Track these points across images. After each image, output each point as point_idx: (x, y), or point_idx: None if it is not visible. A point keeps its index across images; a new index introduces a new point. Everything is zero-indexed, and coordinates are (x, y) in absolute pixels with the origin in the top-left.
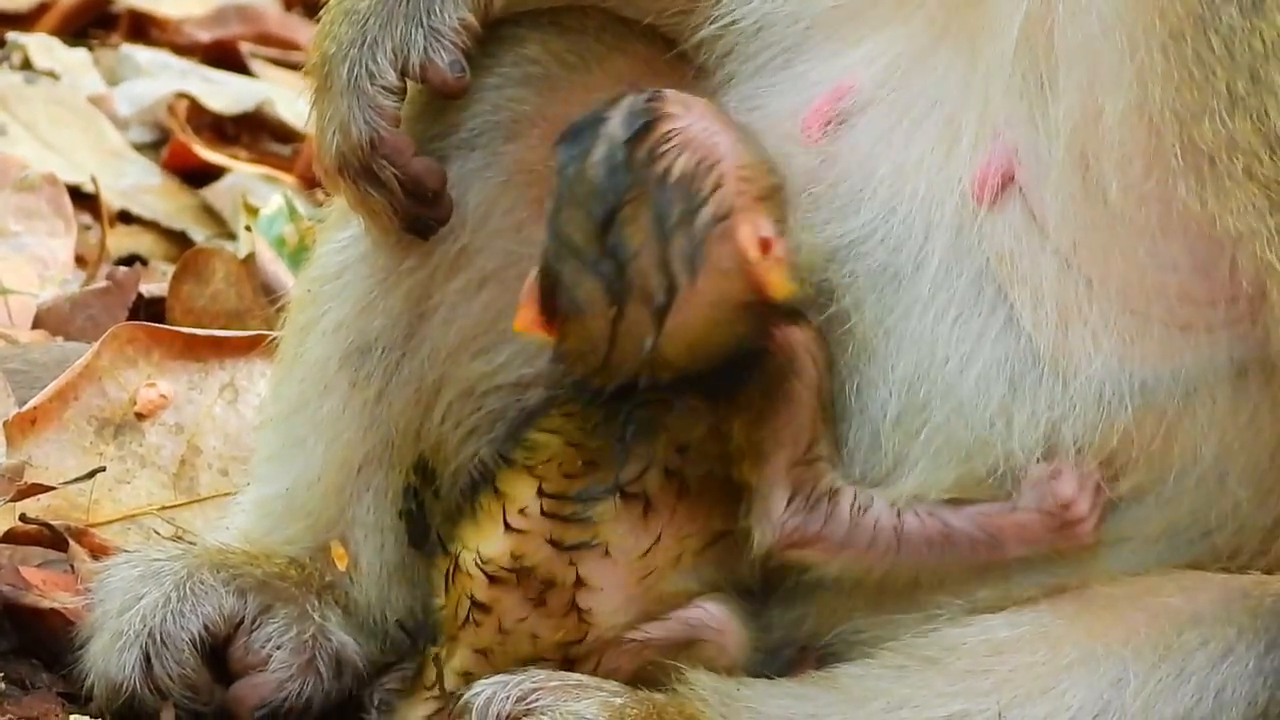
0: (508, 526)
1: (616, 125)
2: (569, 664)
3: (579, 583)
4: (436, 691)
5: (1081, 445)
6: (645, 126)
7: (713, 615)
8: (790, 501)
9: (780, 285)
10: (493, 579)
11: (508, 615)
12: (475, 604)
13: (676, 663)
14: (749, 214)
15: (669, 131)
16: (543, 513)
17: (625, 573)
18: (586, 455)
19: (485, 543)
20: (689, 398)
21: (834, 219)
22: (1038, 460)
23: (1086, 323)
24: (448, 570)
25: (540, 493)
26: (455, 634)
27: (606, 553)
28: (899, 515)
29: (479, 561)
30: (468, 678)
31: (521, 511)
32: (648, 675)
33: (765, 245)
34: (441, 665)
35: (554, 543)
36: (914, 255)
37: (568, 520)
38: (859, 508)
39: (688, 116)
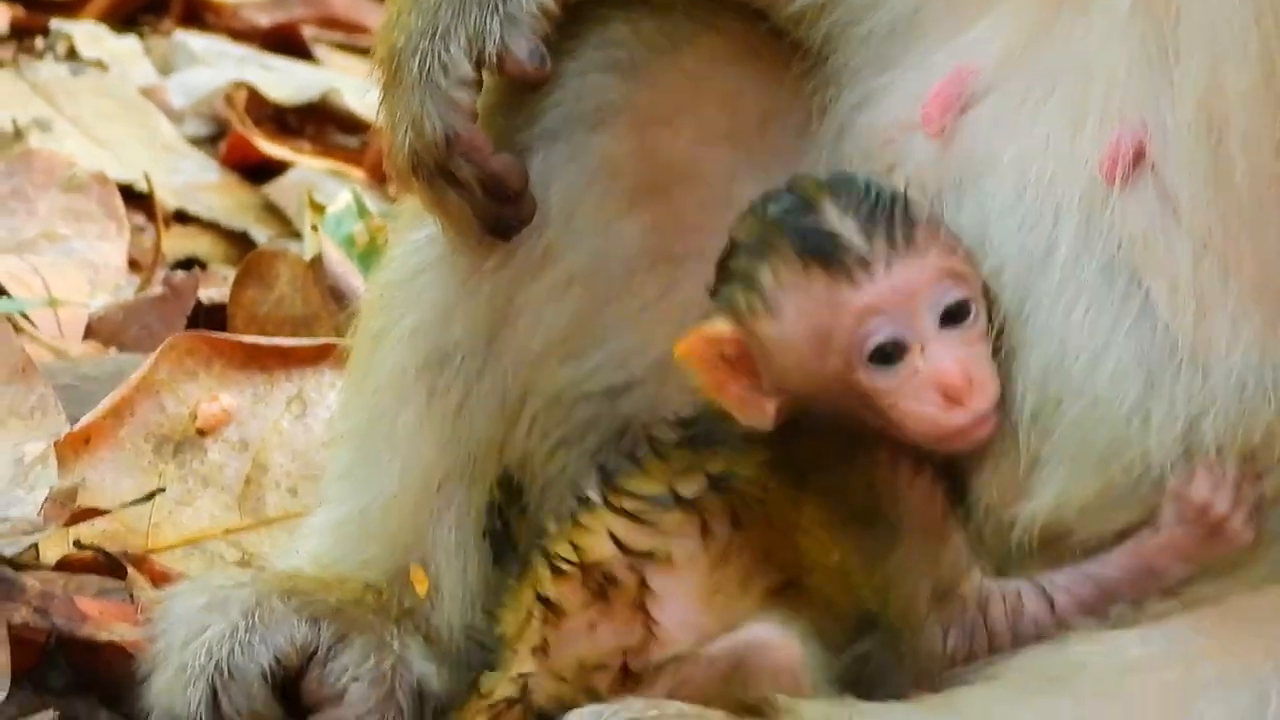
0: (576, 523)
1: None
2: (626, 680)
3: (644, 585)
4: (491, 700)
5: (1222, 443)
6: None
7: (763, 634)
8: (946, 636)
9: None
10: (556, 572)
11: (571, 610)
12: (540, 599)
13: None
14: None
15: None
16: (609, 506)
17: (693, 588)
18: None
19: (555, 541)
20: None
21: (961, 211)
22: (1175, 463)
23: (1226, 309)
24: (521, 574)
25: (611, 487)
26: (517, 636)
27: (670, 561)
28: (1049, 598)
29: (546, 555)
30: (522, 681)
31: (589, 508)
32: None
33: None
34: (498, 676)
35: (618, 543)
36: (1042, 242)
37: (633, 518)
38: (1012, 611)
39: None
